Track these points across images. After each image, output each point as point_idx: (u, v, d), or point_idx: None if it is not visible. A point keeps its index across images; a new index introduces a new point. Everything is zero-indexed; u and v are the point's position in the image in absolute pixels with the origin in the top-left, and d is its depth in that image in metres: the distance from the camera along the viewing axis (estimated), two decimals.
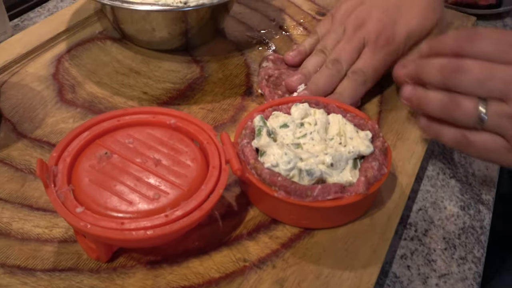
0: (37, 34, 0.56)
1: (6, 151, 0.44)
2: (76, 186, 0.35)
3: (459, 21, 0.63)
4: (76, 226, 0.32)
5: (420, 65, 0.42)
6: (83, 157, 0.37)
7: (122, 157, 0.37)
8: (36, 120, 0.47)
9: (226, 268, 0.36)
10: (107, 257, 0.36)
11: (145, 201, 0.34)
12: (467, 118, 0.39)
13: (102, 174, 0.35)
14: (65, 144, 0.37)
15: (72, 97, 0.49)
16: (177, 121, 0.40)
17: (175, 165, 0.37)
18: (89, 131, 0.38)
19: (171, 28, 0.53)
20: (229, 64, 0.55)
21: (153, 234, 0.32)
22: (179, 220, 0.33)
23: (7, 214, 0.39)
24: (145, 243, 0.34)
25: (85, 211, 0.33)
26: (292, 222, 0.39)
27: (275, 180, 0.36)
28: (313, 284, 0.36)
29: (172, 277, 0.35)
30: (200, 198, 0.34)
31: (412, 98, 0.43)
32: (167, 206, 0.34)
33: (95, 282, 0.35)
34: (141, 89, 0.51)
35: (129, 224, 0.32)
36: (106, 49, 0.56)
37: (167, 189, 0.35)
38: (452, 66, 0.39)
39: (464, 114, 0.39)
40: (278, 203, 0.37)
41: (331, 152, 0.38)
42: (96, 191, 0.34)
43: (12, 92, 0.49)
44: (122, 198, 0.34)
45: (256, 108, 0.43)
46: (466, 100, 0.39)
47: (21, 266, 0.35)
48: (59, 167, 0.35)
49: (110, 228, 0.32)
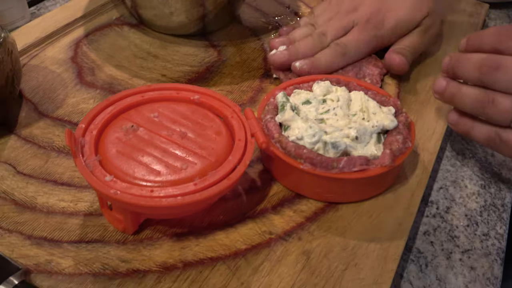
0: (55, 20, 0.56)
1: (28, 130, 0.44)
2: (103, 157, 0.35)
3: (472, 8, 0.63)
4: (106, 193, 0.32)
5: (457, 59, 0.41)
6: (110, 129, 0.37)
7: (148, 130, 0.37)
8: (57, 100, 0.47)
9: (252, 240, 0.36)
10: (134, 228, 0.36)
11: (173, 171, 0.34)
12: (502, 116, 0.38)
13: (129, 146, 0.36)
14: (91, 117, 0.37)
15: (92, 79, 0.50)
16: (201, 97, 0.40)
17: (201, 138, 0.37)
18: (114, 105, 0.39)
19: (189, 12, 0.53)
20: (246, 48, 0.55)
21: (183, 201, 0.32)
22: (208, 188, 0.33)
23: (32, 189, 0.39)
24: (174, 211, 0.34)
25: (115, 180, 0.33)
26: (316, 196, 0.39)
27: (300, 152, 0.37)
28: (339, 255, 0.36)
29: (199, 248, 0.35)
30: (227, 168, 0.35)
31: (445, 92, 0.42)
32: (195, 176, 0.34)
33: (122, 253, 0.35)
34: (160, 72, 0.51)
35: (158, 192, 0.32)
36: (124, 34, 0.56)
37: (194, 160, 0.35)
38: (490, 62, 0.39)
39: (499, 112, 0.38)
40: (304, 176, 0.37)
41: (355, 126, 0.38)
42: (123, 162, 0.34)
43: (32, 74, 0.50)
44: (150, 168, 0.34)
45: (278, 86, 0.44)
46: (502, 97, 0.38)
47: (47, 238, 0.35)
48: (86, 139, 0.36)
49: (140, 195, 0.32)
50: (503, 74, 0.38)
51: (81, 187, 0.39)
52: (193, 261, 0.35)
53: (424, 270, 0.38)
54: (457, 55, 0.42)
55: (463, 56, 0.41)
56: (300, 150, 0.37)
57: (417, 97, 0.50)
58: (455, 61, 0.41)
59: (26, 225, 0.36)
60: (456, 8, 0.63)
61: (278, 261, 0.35)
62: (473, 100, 0.40)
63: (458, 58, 0.41)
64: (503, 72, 0.38)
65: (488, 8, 0.65)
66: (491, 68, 0.38)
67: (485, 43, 0.40)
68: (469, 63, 0.40)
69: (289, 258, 0.35)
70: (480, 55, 0.40)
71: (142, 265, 0.34)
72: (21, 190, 0.39)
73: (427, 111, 0.48)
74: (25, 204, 0.38)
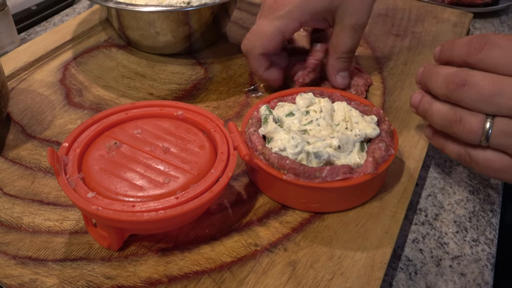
0: (44, 44, 0.57)
1: (15, 151, 0.44)
2: (86, 174, 0.35)
3: (457, 17, 0.64)
4: (88, 210, 0.32)
5: (429, 71, 0.40)
6: (93, 147, 0.37)
7: (131, 146, 0.37)
8: (45, 122, 0.47)
9: (238, 253, 0.36)
10: (118, 245, 0.35)
11: (155, 185, 0.34)
12: (470, 135, 0.36)
13: (112, 163, 0.36)
14: (75, 136, 0.38)
15: (80, 100, 0.50)
16: (184, 112, 0.40)
17: (184, 152, 0.37)
18: (98, 123, 0.39)
19: (175, 32, 0.54)
20: (233, 65, 0.56)
21: (165, 215, 0.32)
22: (189, 201, 0.33)
23: (18, 209, 0.39)
24: (156, 225, 0.34)
25: (96, 196, 0.33)
26: (302, 206, 0.39)
27: (283, 163, 0.37)
28: (326, 265, 0.35)
29: (184, 262, 0.35)
30: (209, 181, 0.35)
31: (418, 108, 0.41)
32: (177, 190, 0.34)
33: (107, 269, 0.35)
34: (147, 91, 0.52)
35: (140, 207, 0.32)
36: (112, 55, 0.57)
37: (176, 174, 0.35)
38: (457, 79, 0.36)
39: (467, 132, 0.36)
40: (288, 186, 0.37)
41: (338, 135, 0.38)
42: (106, 178, 0.35)
43: (21, 97, 0.50)
44: (132, 184, 0.34)
45: (261, 100, 0.44)
46: (471, 116, 0.36)
47: (32, 257, 0.35)
48: (70, 157, 0.36)
49: (121, 210, 0.32)
50: (470, 91, 0.35)
51: (67, 206, 0.39)
52: (178, 275, 0.34)
53: (413, 278, 0.38)
54: (429, 67, 0.40)
55: (434, 69, 0.39)
56: (283, 161, 0.37)
57: (402, 106, 0.50)
58: (427, 74, 0.40)
59: (11, 245, 0.36)
60: (440, 18, 0.64)
61: (264, 272, 0.35)
62: (442, 118, 0.38)
63: (429, 71, 0.40)
64: (470, 89, 0.35)
65: (472, 17, 0.65)
66: (458, 85, 0.36)
67: (455, 55, 0.38)
68: (438, 78, 0.38)
69: (275, 269, 0.35)
70: (448, 69, 0.38)
71: (127, 281, 0.34)
72: (7, 211, 0.39)
73: (412, 119, 0.48)
74: (10, 225, 0.38)
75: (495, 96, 0.34)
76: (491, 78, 0.35)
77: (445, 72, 0.38)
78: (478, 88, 0.35)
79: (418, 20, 0.64)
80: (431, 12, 0.66)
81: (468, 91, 0.35)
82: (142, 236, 0.37)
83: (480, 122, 0.36)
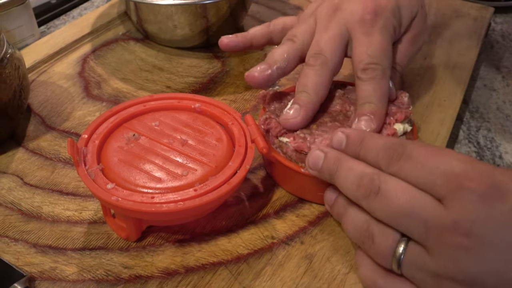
0: (63, 37, 0.58)
1: (36, 142, 0.45)
2: (105, 166, 0.35)
3: (477, 12, 0.63)
4: (108, 201, 0.32)
5: (338, 160, 0.33)
6: (112, 139, 0.37)
7: (149, 138, 0.37)
8: (64, 114, 0.48)
9: (254, 245, 0.36)
10: (136, 235, 0.36)
11: (174, 177, 0.34)
12: (381, 259, 0.30)
13: (130, 154, 0.36)
14: (94, 127, 0.38)
15: (98, 92, 0.51)
16: (202, 105, 0.41)
17: (201, 145, 0.37)
18: (116, 115, 0.39)
19: (193, 25, 0.54)
20: (250, 59, 0.56)
21: (183, 206, 0.32)
22: (207, 193, 0.33)
23: (38, 199, 0.39)
24: (175, 217, 0.34)
25: (116, 187, 0.33)
26: (319, 199, 0.39)
27: (301, 156, 0.37)
28: (342, 258, 0.35)
29: (201, 254, 0.35)
30: (228, 173, 0.35)
31: (333, 210, 0.35)
32: (195, 182, 0.34)
33: (125, 259, 0.35)
34: (165, 84, 0.52)
35: (159, 198, 0.33)
36: (130, 48, 0.57)
37: (195, 166, 0.35)
38: (371, 183, 0.30)
39: (377, 253, 0.30)
40: (305, 179, 0.37)
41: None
42: (125, 170, 0.35)
43: (41, 89, 0.51)
44: (151, 175, 0.35)
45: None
46: (382, 236, 0.30)
47: (52, 246, 0.36)
48: (89, 148, 0.36)
49: (141, 201, 0.32)
50: (380, 202, 0.29)
51: (85, 196, 0.40)
52: (195, 266, 0.35)
53: None
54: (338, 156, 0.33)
55: (344, 163, 0.32)
56: (300, 154, 0.37)
57: (421, 101, 0.49)
58: (334, 164, 0.33)
59: (32, 234, 0.37)
60: (460, 11, 0.63)
61: (280, 265, 0.35)
62: (356, 230, 0.32)
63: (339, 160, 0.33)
64: (380, 199, 0.29)
65: (493, 12, 0.64)
66: (371, 191, 0.30)
67: (369, 157, 0.32)
68: (349, 175, 0.32)
69: (291, 262, 0.35)
70: (362, 167, 0.32)
71: (145, 271, 0.34)
72: (27, 201, 0.39)
73: (431, 114, 0.48)
74: (31, 214, 0.38)
75: (407, 215, 0.28)
76: (406, 191, 0.29)
77: (358, 170, 0.31)
78: (389, 201, 0.29)
79: (437, 14, 0.63)
80: (450, 5, 0.65)
81: (379, 202, 0.29)
82: (160, 227, 0.37)
83: (390, 247, 0.29)
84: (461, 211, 0.26)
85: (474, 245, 0.26)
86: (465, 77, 0.52)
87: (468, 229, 0.26)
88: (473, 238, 0.26)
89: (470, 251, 0.26)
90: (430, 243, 0.28)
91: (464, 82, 0.52)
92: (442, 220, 0.27)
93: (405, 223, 0.29)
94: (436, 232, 0.27)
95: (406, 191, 0.29)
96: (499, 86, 0.56)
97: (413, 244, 0.29)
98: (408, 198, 0.28)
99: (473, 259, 0.26)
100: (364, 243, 0.31)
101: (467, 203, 0.26)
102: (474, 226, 0.26)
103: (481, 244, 0.26)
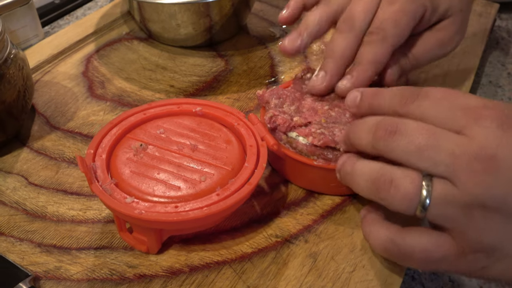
0: (67, 37, 0.58)
1: (40, 142, 0.45)
2: (118, 179, 0.34)
3: (482, 8, 0.63)
4: (131, 214, 0.31)
5: (353, 123, 0.34)
6: (118, 151, 0.36)
7: (158, 146, 0.37)
8: (68, 113, 0.48)
9: (259, 244, 0.36)
10: (157, 247, 0.35)
11: (193, 184, 0.34)
12: (403, 203, 0.29)
13: (142, 165, 0.35)
14: (98, 141, 0.36)
15: (102, 92, 0.51)
16: (203, 108, 0.40)
17: (212, 149, 0.37)
18: (118, 126, 0.38)
19: (196, 24, 0.54)
20: (253, 57, 0.56)
21: (209, 211, 0.32)
22: (231, 196, 0.33)
23: (42, 199, 0.40)
24: (200, 224, 0.34)
25: (136, 200, 0.33)
26: (332, 191, 0.38)
27: (313, 149, 0.37)
28: (347, 257, 0.35)
29: (205, 253, 0.35)
30: (246, 174, 0.34)
31: (341, 172, 0.34)
32: (215, 186, 0.34)
33: (129, 258, 0.35)
34: (168, 83, 0.52)
35: (183, 207, 0.32)
36: (133, 48, 0.57)
37: (210, 170, 0.35)
38: (387, 125, 0.30)
39: (400, 198, 0.29)
40: (318, 172, 0.37)
41: None
42: (140, 181, 0.34)
43: (45, 89, 0.51)
44: (168, 184, 0.34)
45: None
46: (406, 177, 0.29)
47: (57, 245, 0.36)
48: (97, 163, 0.35)
49: (166, 212, 0.32)
50: (400, 140, 0.29)
51: (90, 195, 0.40)
52: (199, 265, 0.35)
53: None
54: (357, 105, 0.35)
55: (359, 120, 0.34)
56: (311, 147, 0.37)
57: None
58: (351, 126, 0.34)
59: (37, 234, 0.37)
60: None
61: (285, 264, 0.35)
62: (367, 180, 0.31)
63: (354, 122, 0.34)
64: (400, 137, 0.29)
65: (498, 8, 0.64)
66: (387, 132, 0.30)
67: (383, 105, 0.33)
68: (364, 126, 0.32)
69: (296, 261, 0.35)
70: (376, 117, 0.32)
71: (149, 270, 0.34)
72: (32, 200, 0.39)
73: None
74: (36, 214, 0.38)
75: (431, 149, 0.28)
76: (426, 128, 0.29)
77: (373, 120, 0.32)
78: (411, 137, 0.29)
79: None
80: None
81: (399, 140, 0.29)
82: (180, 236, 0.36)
83: (416, 186, 0.29)
84: (484, 137, 0.28)
85: (501, 167, 0.27)
86: (470, 74, 0.52)
87: (494, 153, 0.27)
88: (499, 161, 0.27)
89: (498, 174, 0.27)
90: (458, 173, 0.28)
91: (469, 78, 0.51)
92: (469, 148, 0.28)
93: (430, 157, 0.28)
94: (464, 160, 0.28)
95: (426, 126, 0.29)
96: (505, 82, 0.56)
97: (438, 180, 0.28)
98: (431, 132, 0.29)
99: (501, 181, 0.27)
100: (380, 192, 0.30)
101: (489, 130, 0.28)
102: (499, 150, 0.27)
103: (507, 166, 0.27)
